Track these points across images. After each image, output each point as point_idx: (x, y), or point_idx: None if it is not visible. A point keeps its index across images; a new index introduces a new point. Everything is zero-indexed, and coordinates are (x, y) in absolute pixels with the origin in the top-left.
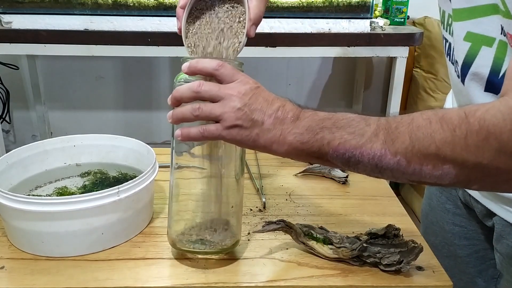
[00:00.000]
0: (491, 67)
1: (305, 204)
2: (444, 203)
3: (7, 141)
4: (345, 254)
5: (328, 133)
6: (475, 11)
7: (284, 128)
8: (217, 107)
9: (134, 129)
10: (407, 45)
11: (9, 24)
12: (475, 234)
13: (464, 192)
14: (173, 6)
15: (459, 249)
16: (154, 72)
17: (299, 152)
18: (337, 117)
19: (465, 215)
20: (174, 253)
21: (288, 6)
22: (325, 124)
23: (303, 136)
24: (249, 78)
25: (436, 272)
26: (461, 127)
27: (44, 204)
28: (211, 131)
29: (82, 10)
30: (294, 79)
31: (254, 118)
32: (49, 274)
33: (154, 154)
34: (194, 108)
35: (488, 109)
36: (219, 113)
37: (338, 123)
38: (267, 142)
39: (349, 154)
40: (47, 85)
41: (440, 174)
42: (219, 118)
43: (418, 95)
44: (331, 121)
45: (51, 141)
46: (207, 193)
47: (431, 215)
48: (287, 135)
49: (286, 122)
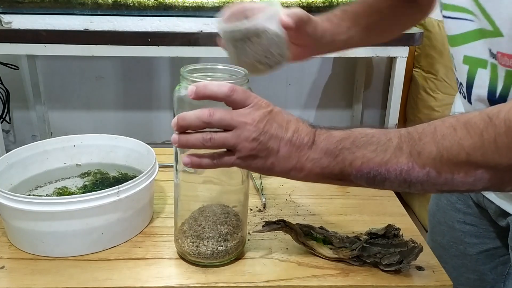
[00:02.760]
0: (488, 88)
1: (305, 204)
2: (454, 203)
3: (7, 141)
4: (345, 254)
5: (348, 153)
6: (467, 36)
7: (301, 155)
8: (230, 137)
9: (134, 129)
10: (407, 45)
11: (9, 24)
12: (486, 233)
13: (477, 193)
14: (173, 6)
15: (469, 247)
16: (154, 72)
17: (320, 177)
18: (355, 135)
19: (476, 214)
20: (174, 253)
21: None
22: (343, 144)
23: (322, 161)
24: (261, 100)
25: (436, 272)
26: (488, 130)
27: (44, 204)
28: (224, 162)
29: (82, 10)
30: (294, 79)
31: (269, 147)
32: (49, 274)
33: (154, 154)
34: (205, 139)
35: (510, 108)
36: (233, 144)
37: (357, 142)
38: (284, 170)
39: (374, 172)
40: (47, 85)
41: (473, 180)
42: (233, 149)
43: (418, 95)
44: (349, 140)
45: (51, 141)
46: (213, 196)
47: (438, 215)
48: (305, 162)
49: (303, 148)
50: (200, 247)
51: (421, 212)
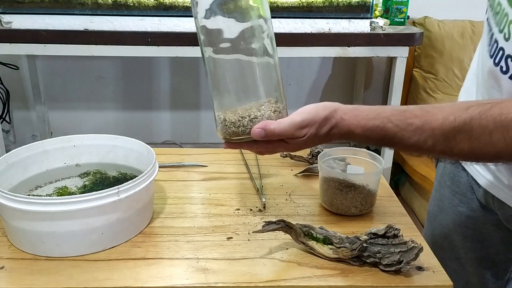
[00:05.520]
0: None
1: (305, 204)
2: (456, 206)
3: (7, 141)
4: (345, 254)
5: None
6: None
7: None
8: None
9: (134, 129)
10: (407, 45)
11: (9, 24)
12: (488, 237)
13: (486, 195)
14: (173, 6)
15: (471, 252)
16: (154, 72)
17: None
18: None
19: (479, 218)
20: (174, 253)
21: (288, 6)
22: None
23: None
24: (308, 127)
25: (436, 272)
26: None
27: (44, 204)
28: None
29: (82, 10)
30: (294, 79)
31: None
32: (49, 274)
33: (154, 154)
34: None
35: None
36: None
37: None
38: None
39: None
40: (47, 85)
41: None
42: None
43: (418, 95)
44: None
45: (51, 141)
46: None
47: (440, 217)
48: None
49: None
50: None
51: (421, 212)
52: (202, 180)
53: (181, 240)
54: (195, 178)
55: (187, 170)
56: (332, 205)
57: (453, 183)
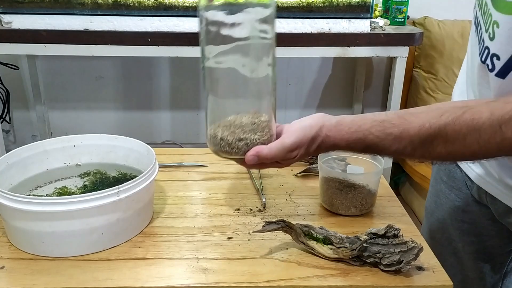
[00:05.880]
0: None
1: (305, 204)
2: (453, 201)
3: (7, 141)
4: (345, 254)
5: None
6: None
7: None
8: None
9: (134, 129)
10: (407, 45)
11: (9, 24)
12: (485, 231)
13: (479, 190)
14: (173, 6)
15: (468, 246)
16: (154, 72)
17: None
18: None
19: (475, 212)
20: (174, 253)
21: (288, 6)
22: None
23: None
24: (298, 149)
25: (436, 272)
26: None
27: (44, 204)
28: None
29: (82, 10)
30: (294, 79)
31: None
32: (49, 274)
33: (154, 154)
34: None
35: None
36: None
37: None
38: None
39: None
40: (47, 85)
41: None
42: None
43: (418, 95)
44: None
45: (51, 141)
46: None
47: (437, 213)
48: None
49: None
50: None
51: (421, 212)
52: (202, 180)
53: (181, 240)
54: (195, 178)
55: (187, 170)
56: (332, 205)
57: (449, 178)
